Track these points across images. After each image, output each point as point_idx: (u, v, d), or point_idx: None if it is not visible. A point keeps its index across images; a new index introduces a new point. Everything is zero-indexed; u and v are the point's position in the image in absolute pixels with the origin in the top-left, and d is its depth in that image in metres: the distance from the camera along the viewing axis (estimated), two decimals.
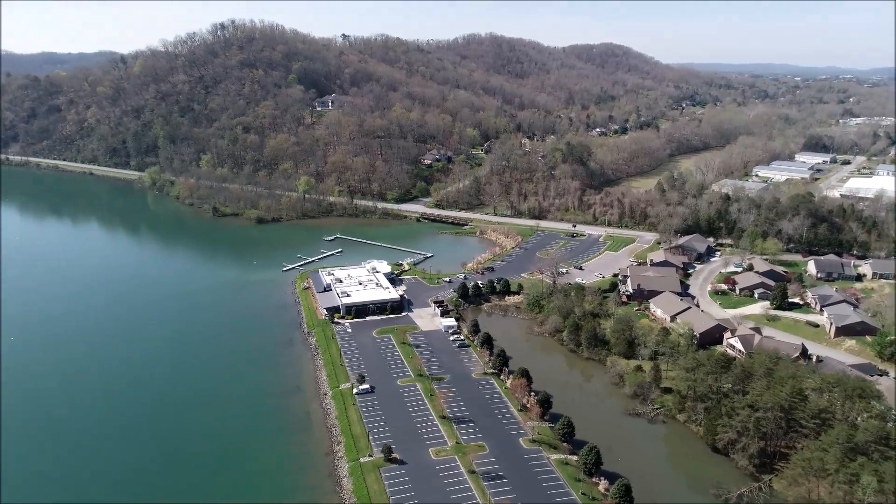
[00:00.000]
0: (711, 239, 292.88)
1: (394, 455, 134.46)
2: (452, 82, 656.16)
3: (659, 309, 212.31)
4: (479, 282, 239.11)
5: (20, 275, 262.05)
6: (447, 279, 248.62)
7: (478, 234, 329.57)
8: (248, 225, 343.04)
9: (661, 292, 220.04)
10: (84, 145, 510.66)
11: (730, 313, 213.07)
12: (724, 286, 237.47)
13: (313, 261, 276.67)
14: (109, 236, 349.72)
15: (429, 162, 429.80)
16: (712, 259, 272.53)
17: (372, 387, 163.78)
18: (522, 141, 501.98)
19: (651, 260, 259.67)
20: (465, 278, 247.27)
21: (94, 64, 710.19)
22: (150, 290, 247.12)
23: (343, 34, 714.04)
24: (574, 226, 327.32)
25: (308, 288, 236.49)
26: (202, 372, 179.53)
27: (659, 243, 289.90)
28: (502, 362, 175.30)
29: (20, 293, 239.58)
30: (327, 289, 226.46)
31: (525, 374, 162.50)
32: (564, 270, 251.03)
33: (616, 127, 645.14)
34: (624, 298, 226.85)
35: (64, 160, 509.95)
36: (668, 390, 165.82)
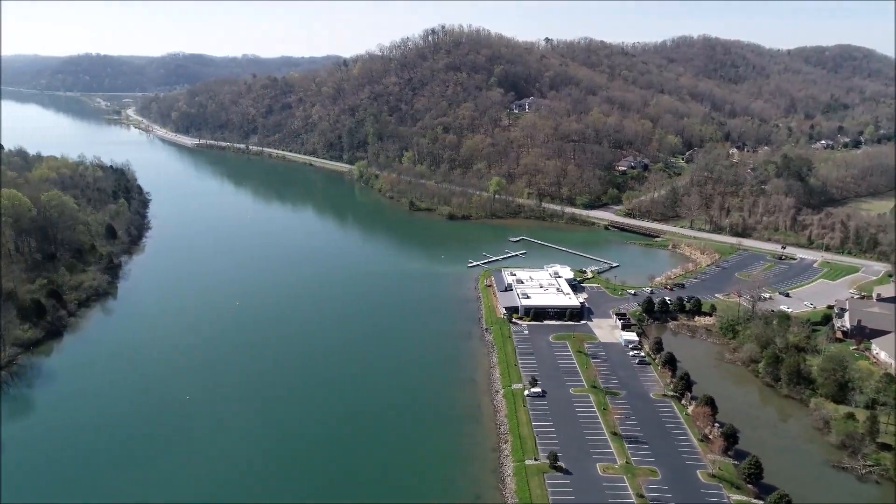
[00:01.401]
0: None
1: (559, 463, 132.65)
2: (656, 87, 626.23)
3: (883, 351, 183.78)
4: (667, 298, 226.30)
5: (244, 249, 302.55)
6: (632, 291, 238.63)
7: (670, 247, 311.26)
8: (440, 220, 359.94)
9: (888, 332, 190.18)
10: (307, 139, 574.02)
11: None
12: None
13: (497, 260, 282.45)
14: (319, 220, 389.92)
15: (623, 168, 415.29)
16: None
17: (543, 391, 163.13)
18: (730, 151, 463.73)
19: (878, 294, 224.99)
20: (652, 292, 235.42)
21: (322, 66, 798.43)
22: (347, 269, 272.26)
23: (546, 38, 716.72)
24: (783, 247, 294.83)
25: (490, 286, 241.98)
26: (383, 351, 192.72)
27: (891, 276, 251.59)
28: (685, 386, 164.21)
29: (244, 263, 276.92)
30: (508, 289, 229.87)
31: (710, 402, 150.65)
32: (767, 296, 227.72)
33: (847, 140, 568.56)
34: (839, 334, 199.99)
35: (290, 151, 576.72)
36: (886, 446, 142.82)
